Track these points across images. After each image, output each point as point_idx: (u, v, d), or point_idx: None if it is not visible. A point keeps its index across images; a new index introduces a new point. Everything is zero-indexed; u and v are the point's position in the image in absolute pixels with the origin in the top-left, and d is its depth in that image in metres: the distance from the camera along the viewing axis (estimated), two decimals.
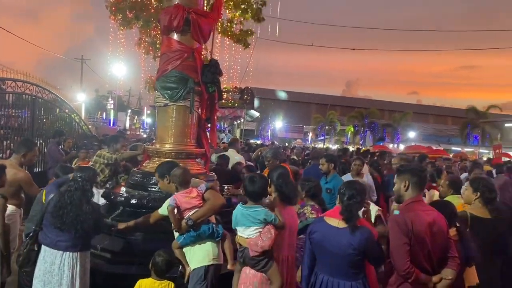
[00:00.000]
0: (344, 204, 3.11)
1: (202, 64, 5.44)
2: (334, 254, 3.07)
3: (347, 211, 3.06)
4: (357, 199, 3.12)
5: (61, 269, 3.63)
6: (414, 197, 3.14)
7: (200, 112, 5.37)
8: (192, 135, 5.33)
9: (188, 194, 3.67)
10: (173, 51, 5.20)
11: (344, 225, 3.06)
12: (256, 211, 3.42)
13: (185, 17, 5.07)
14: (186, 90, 5.08)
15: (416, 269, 2.94)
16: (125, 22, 18.61)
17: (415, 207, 3.09)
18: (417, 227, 2.94)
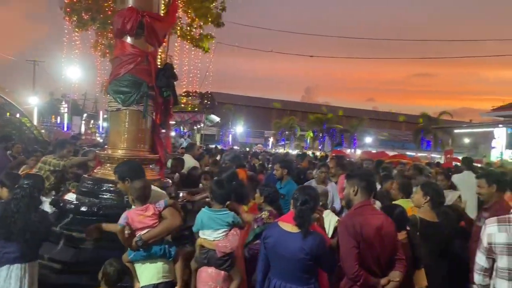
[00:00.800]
0: (297, 209, 3.12)
1: (157, 68, 5.34)
2: (286, 258, 3.07)
3: (300, 217, 3.07)
4: (310, 204, 3.15)
5: (7, 281, 3.46)
6: (363, 202, 3.17)
7: (154, 117, 5.27)
8: (146, 141, 5.23)
9: (142, 212, 3.46)
10: (127, 55, 5.08)
11: (297, 230, 3.06)
12: (225, 214, 3.66)
13: (139, 21, 4.98)
14: (140, 94, 4.98)
15: (365, 272, 2.96)
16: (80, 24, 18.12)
17: (364, 211, 3.13)
18: (366, 230, 2.98)
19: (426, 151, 37.66)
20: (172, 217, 3.49)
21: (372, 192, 3.33)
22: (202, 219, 3.68)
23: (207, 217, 3.68)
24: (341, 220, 3.26)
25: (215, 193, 3.75)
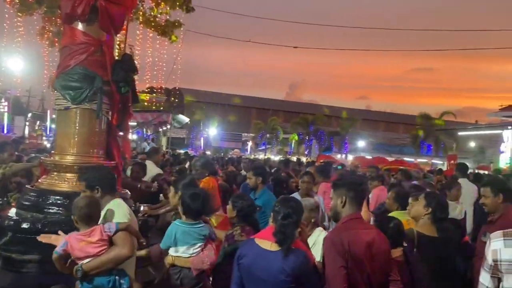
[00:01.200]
0: (278, 224, 3.09)
1: (113, 59, 5.27)
2: (264, 281, 3.05)
3: (281, 232, 3.05)
4: (293, 218, 3.12)
5: None
6: (351, 214, 3.18)
7: (110, 117, 5.19)
8: (100, 145, 5.13)
9: (85, 238, 3.28)
10: (77, 44, 5.01)
11: (277, 248, 3.04)
12: (201, 227, 3.80)
13: (92, 4, 4.92)
14: (93, 90, 4.90)
15: None
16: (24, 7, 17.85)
17: (353, 225, 3.14)
18: (355, 247, 2.99)
19: (427, 157, 38.22)
20: (122, 245, 3.29)
21: (362, 203, 3.35)
22: (176, 234, 3.69)
23: (181, 231, 3.70)
24: (327, 236, 3.25)
25: (190, 207, 3.77)
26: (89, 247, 3.25)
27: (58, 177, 4.97)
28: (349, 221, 3.17)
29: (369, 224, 3.42)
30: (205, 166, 6.95)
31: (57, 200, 4.78)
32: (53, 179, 4.99)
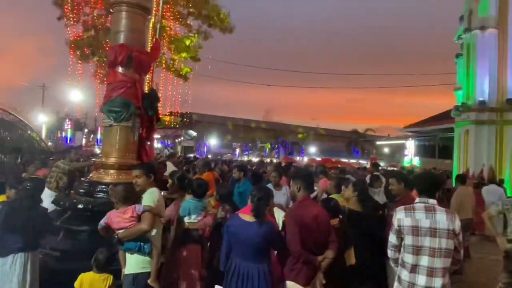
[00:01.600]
0: (254, 203, 3.09)
1: (143, 92, 5.24)
2: (246, 242, 3.03)
3: (256, 209, 3.04)
4: (265, 200, 3.13)
5: (12, 268, 3.28)
6: (304, 196, 3.21)
7: (140, 131, 5.14)
8: (133, 150, 5.06)
9: (121, 215, 3.24)
10: (118, 82, 4.96)
11: (253, 220, 3.03)
12: (203, 203, 3.96)
13: (129, 55, 4.88)
14: (128, 113, 4.87)
15: (305, 251, 2.99)
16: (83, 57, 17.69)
17: (305, 204, 3.16)
18: (306, 219, 3.01)
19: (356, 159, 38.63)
20: (144, 222, 3.21)
21: (312, 189, 3.38)
22: (189, 207, 3.80)
23: (193, 205, 3.82)
24: (287, 212, 3.26)
25: (198, 190, 3.95)
26: (123, 222, 3.20)
27: (104, 173, 4.91)
28: (302, 201, 3.19)
29: (316, 203, 3.43)
30: (205, 165, 6.95)
31: (102, 188, 4.72)
32: (100, 174, 4.93)
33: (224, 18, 17.90)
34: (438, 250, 2.54)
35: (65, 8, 16.98)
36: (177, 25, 18.07)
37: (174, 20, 17.86)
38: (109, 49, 5.09)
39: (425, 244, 2.56)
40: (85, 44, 17.27)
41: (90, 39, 17.31)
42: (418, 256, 2.58)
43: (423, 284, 2.54)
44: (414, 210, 2.67)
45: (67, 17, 17.06)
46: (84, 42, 17.30)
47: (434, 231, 2.55)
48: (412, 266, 2.60)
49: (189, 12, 18.04)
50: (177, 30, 18.17)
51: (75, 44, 17.20)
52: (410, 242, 2.61)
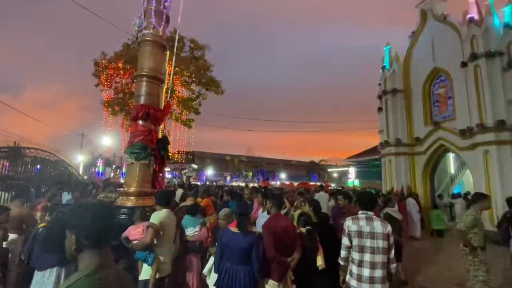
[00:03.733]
0: (237, 219, 3.03)
1: (157, 138, 5.17)
2: (235, 249, 2.93)
3: (239, 223, 2.98)
4: (244, 215, 3.07)
5: (49, 279, 3.00)
6: (276, 212, 3.15)
7: (154, 167, 5.00)
8: (149, 181, 4.89)
9: (136, 229, 3.22)
10: (138, 130, 4.90)
11: (239, 231, 2.96)
12: (197, 218, 3.86)
13: (147, 111, 4.87)
14: (146, 154, 4.76)
15: (278, 254, 2.90)
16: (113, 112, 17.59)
17: (276, 218, 3.10)
18: (277, 229, 2.94)
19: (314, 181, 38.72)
20: (145, 236, 3.08)
21: (281, 207, 3.32)
22: (186, 222, 3.70)
23: (189, 220, 3.74)
24: (263, 224, 3.18)
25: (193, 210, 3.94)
26: (137, 234, 3.12)
27: (126, 199, 4.68)
28: (274, 216, 3.13)
29: (285, 217, 3.35)
30: (205, 191, 6.74)
31: (125, 211, 4.44)
32: (123, 200, 4.70)
33: (217, 85, 18.44)
34: (377, 248, 2.52)
35: (101, 78, 17.13)
36: (183, 89, 18.43)
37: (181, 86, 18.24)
38: (133, 107, 5.06)
39: (367, 244, 2.55)
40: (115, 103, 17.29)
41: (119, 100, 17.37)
42: (362, 254, 2.55)
43: (367, 275, 2.50)
44: (358, 219, 2.67)
45: (103, 84, 17.18)
46: (115, 102, 17.31)
47: (373, 234, 2.55)
48: (359, 261, 2.56)
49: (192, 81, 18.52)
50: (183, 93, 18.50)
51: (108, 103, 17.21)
52: (356, 243, 2.59)
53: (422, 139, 12.38)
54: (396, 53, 14.04)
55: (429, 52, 12.33)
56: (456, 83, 11.21)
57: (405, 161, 12.87)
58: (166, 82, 7.22)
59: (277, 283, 2.87)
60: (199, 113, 19.36)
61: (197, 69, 18.17)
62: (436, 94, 12.35)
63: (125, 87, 17.36)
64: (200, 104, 19.00)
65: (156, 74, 5.12)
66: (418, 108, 12.82)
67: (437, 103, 12.31)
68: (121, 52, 17.21)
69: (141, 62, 5.25)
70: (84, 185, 8.48)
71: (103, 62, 17.07)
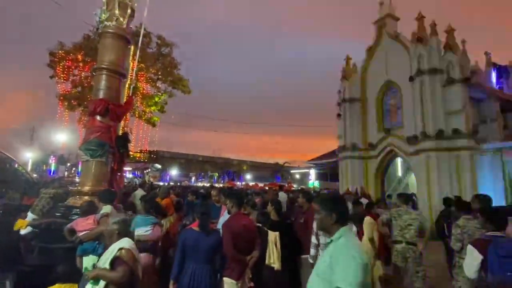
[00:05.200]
0: (199, 218, 2.95)
1: (117, 135, 4.86)
2: (197, 248, 2.84)
3: (201, 223, 2.91)
4: (207, 214, 3.00)
5: None
6: (236, 212, 3.13)
7: (112, 165, 4.69)
8: (105, 180, 4.57)
9: (86, 220, 3.11)
10: (96, 126, 4.57)
11: (201, 231, 2.88)
12: (150, 218, 3.59)
13: (106, 107, 4.56)
14: (103, 151, 4.45)
15: (237, 252, 2.87)
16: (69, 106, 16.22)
17: (236, 217, 3.08)
18: (237, 228, 2.92)
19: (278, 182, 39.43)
20: (101, 224, 3.02)
21: (241, 206, 3.30)
22: (137, 221, 3.46)
23: (140, 219, 3.50)
24: (223, 223, 3.14)
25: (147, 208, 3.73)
26: (87, 226, 3.01)
27: (79, 199, 4.31)
28: (235, 215, 3.11)
29: (245, 216, 3.34)
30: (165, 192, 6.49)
31: (77, 211, 4.06)
32: (76, 199, 4.33)
33: (185, 84, 17.92)
34: None
35: (57, 69, 15.69)
36: (148, 86, 17.62)
37: (146, 83, 17.42)
38: (89, 102, 4.70)
39: None
40: (72, 97, 15.97)
41: (78, 94, 16.07)
42: None
43: None
44: None
45: (59, 76, 15.74)
46: (72, 96, 15.97)
47: None
48: None
49: (158, 78, 17.79)
50: (148, 90, 17.68)
51: (64, 97, 15.83)
52: (323, 241, 2.67)
53: (375, 144, 13.31)
54: (354, 64, 14.95)
55: (383, 66, 13.34)
56: (404, 95, 12.26)
57: (360, 164, 13.71)
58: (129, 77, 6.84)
59: (235, 282, 2.85)
60: (165, 111, 18.65)
61: (163, 67, 17.49)
62: (388, 104, 13.39)
63: (84, 80, 16.08)
64: (166, 102, 18.31)
65: (117, 68, 4.83)
66: (372, 116, 13.77)
67: (388, 112, 13.35)
68: (81, 43, 15.92)
69: (101, 54, 4.91)
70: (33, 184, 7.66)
71: (60, 53, 15.64)
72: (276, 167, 44.91)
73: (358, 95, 14.32)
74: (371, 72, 14.10)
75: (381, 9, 13.70)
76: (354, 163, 13.80)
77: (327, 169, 22.77)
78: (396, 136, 12.38)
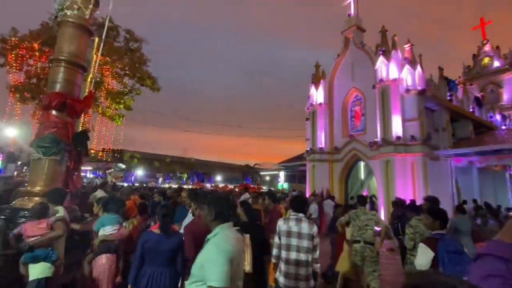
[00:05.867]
0: (160, 220, 2.85)
1: (74, 132, 4.53)
2: (158, 251, 2.74)
3: (162, 225, 2.81)
4: (169, 216, 2.91)
5: None
6: (198, 214, 3.08)
7: (68, 164, 4.36)
8: (59, 180, 4.24)
9: (37, 225, 2.80)
10: (50, 122, 4.22)
11: (162, 233, 2.77)
12: (117, 217, 3.35)
13: (63, 101, 4.24)
14: (58, 148, 4.12)
15: None
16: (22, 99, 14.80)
17: (198, 220, 3.03)
18: (197, 229, 2.87)
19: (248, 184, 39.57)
20: (55, 230, 2.83)
21: None
22: (104, 221, 3.25)
23: (107, 219, 3.29)
24: (185, 226, 3.07)
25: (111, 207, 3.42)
26: (38, 230, 2.73)
27: (28, 200, 3.95)
28: (198, 216, 3.06)
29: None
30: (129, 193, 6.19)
31: (25, 214, 3.74)
32: (23, 201, 3.95)
33: (154, 81, 17.26)
34: (302, 247, 2.64)
35: (9, 58, 14.26)
36: (114, 82, 16.70)
37: (112, 78, 16.49)
38: (44, 95, 4.34)
39: (293, 243, 2.65)
40: (26, 89, 14.59)
41: (32, 86, 14.72)
42: (289, 252, 2.65)
43: (293, 272, 2.60)
44: (289, 220, 2.78)
45: (10, 65, 14.31)
46: (25, 88, 14.59)
47: (299, 234, 2.67)
48: (286, 259, 2.65)
49: (125, 74, 16.94)
50: (114, 86, 16.75)
51: (15, 88, 14.42)
52: (284, 242, 2.69)
53: (340, 148, 13.93)
54: (323, 71, 15.54)
55: (349, 74, 14.03)
56: (368, 102, 13.01)
57: (326, 167, 14.25)
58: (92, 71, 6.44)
59: None
60: (131, 109, 17.79)
61: (131, 62, 16.70)
62: (353, 110, 14.10)
63: (41, 71, 14.77)
64: (132, 99, 17.47)
65: (77, 60, 4.52)
66: (338, 121, 14.40)
67: (353, 118, 14.05)
68: (38, 30, 14.62)
69: (60, 44, 4.57)
70: None
71: (13, 40, 14.21)
72: (247, 169, 45.00)
73: (326, 100, 14.90)
74: (338, 79, 14.76)
75: (349, 21, 14.44)
76: (320, 166, 14.30)
77: (296, 171, 23.33)
78: (359, 142, 13.07)
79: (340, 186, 13.94)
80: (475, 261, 0.80)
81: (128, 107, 17.35)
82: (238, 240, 1.73)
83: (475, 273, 0.77)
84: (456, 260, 2.13)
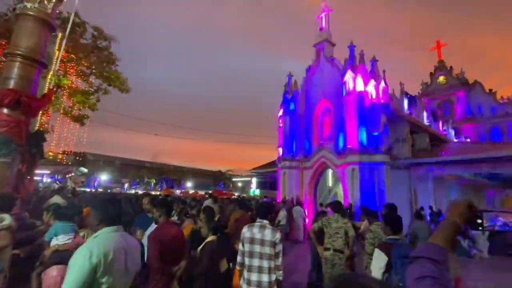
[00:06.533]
0: None
1: (28, 132, 4.19)
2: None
3: None
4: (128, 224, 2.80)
5: None
6: (165, 220, 2.96)
7: (20, 167, 4.00)
8: (10, 184, 3.86)
9: None
10: (1, 120, 3.86)
11: None
12: (72, 225, 3.08)
13: (17, 98, 3.91)
14: (9, 150, 3.77)
15: (164, 264, 2.69)
16: None
17: (166, 226, 2.94)
18: (166, 238, 2.77)
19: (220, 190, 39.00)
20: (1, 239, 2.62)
21: (170, 215, 3.15)
22: (57, 229, 2.96)
23: (61, 227, 2.99)
24: (149, 235, 2.96)
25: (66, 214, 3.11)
26: None
27: None
28: (163, 224, 2.95)
29: (174, 225, 3.19)
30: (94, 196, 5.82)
31: None
32: None
33: (122, 82, 16.53)
34: (264, 254, 2.63)
35: None
36: (78, 80, 15.72)
37: (76, 76, 15.53)
38: None
39: (256, 250, 2.64)
40: None
41: None
42: (251, 259, 2.63)
43: (255, 279, 2.58)
44: (253, 226, 2.76)
45: None
46: None
47: (262, 241, 2.66)
48: (249, 266, 2.63)
49: (91, 72, 16.05)
50: (78, 84, 15.76)
51: None
52: (247, 249, 2.67)
53: (310, 156, 14.36)
54: (295, 81, 16.02)
55: (320, 85, 14.62)
56: (336, 113, 13.62)
57: (296, 174, 14.56)
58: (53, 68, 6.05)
59: None
60: (96, 109, 16.84)
61: (99, 61, 15.89)
62: (322, 120, 14.66)
63: None
64: (98, 99, 16.57)
65: (35, 56, 4.22)
66: (309, 130, 14.87)
67: (322, 127, 14.60)
68: None
69: (16, 38, 4.24)
70: None
71: None
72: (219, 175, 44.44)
73: (297, 109, 15.34)
74: (310, 90, 15.29)
75: (320, 35, 15.12)
76: (291, 173, 14.59)
77: (268, 178, 23.53)
78: (327, 150, 13.59)
79: (310, 193, 14.30)
80: (410, 265, 0.87)
81: (93, 107, 16.41)
82: (123, 242, 1.64)
83: (409, 276, 0.84)
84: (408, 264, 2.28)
